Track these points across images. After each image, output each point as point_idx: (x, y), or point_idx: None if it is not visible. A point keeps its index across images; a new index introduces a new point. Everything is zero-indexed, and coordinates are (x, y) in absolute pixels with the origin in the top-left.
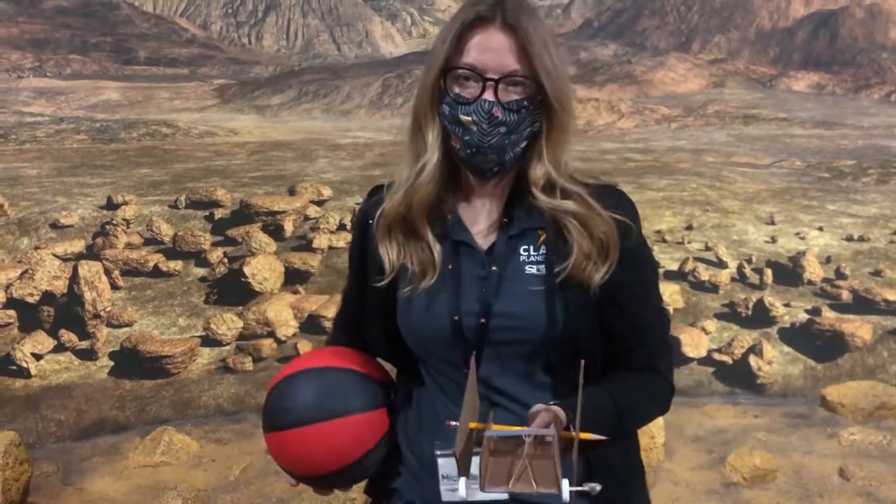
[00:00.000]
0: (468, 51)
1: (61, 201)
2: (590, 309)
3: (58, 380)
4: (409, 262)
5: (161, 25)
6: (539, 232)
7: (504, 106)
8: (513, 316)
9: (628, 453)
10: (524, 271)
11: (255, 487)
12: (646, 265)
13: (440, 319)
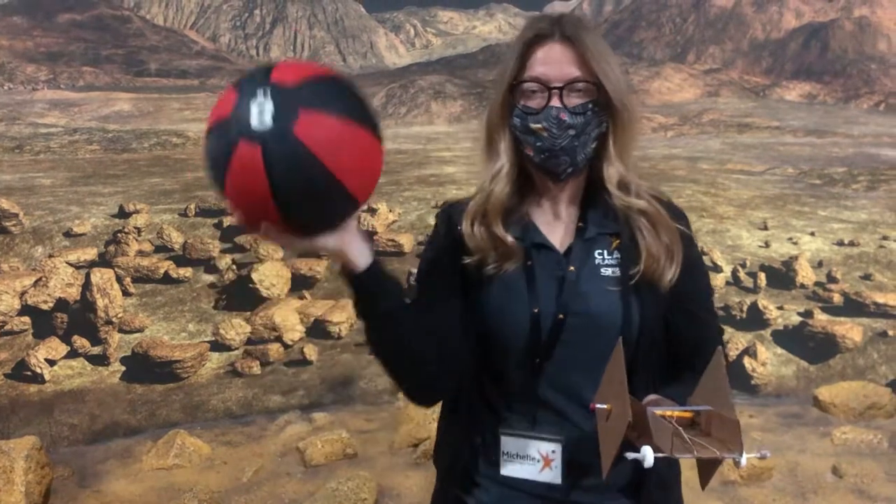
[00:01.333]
0: (532, 65)
1: (74, 210)
2: (660, 310)
3: (71, 385)
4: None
5: (171, 38)
6: (612, 238)
7: (570, 110)
8: (590, 314)
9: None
10: (600, 273)
11: (268, 489)
12: (705, 275)
13: (520, 313)
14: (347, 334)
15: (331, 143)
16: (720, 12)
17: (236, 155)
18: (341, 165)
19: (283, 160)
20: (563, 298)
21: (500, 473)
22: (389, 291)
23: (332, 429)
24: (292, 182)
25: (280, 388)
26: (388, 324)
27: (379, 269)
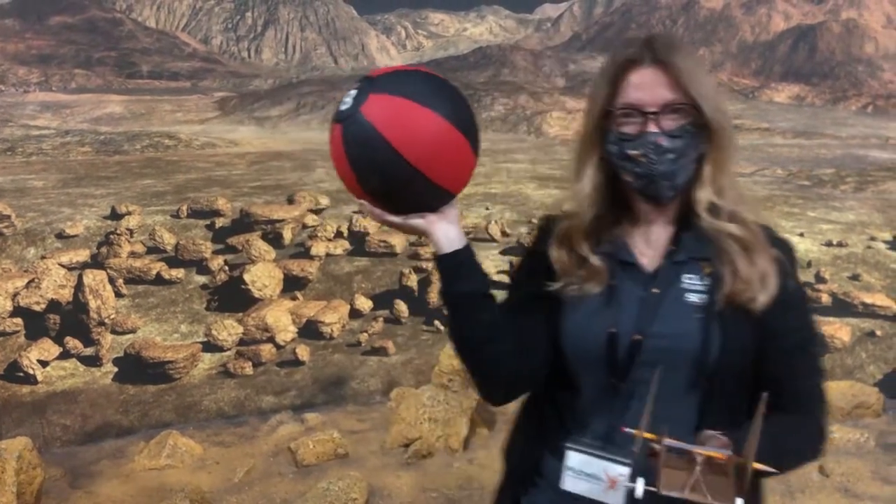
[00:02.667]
0: (625, 91)
1: (66, 212)
2: (746, 340)
3: (63, 386)
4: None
5: (163, 40)
6: (703, 264)
7: (668, 134)
8: (667, 337)
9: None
10: (685, 298)
11: (259, 489)
12: (806, 310)
13: (597, 331)
14: (339, 335)
15: (390, 119)
16: (709, 14)
17: (331, 135)
18: (401, 138)
19: (353, 135)
20: (641, 320)
21: (560, 487)
22: (471, 278)
23: (323, 429)
24: (360, 154)
25: (272, 388)
26: (465, 309)
27: (466, 255)
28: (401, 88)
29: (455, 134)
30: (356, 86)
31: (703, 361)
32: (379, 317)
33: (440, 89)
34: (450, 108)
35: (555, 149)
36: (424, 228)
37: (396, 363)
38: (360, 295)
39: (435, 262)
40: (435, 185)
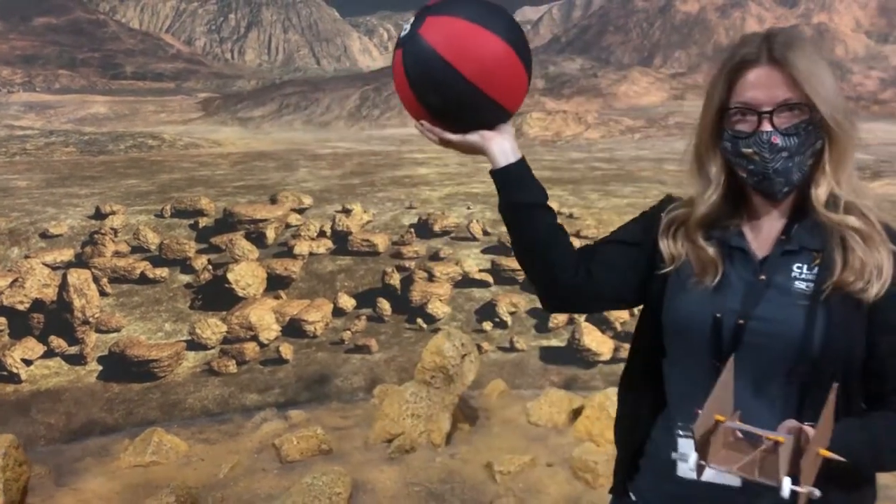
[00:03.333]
0: (741, 90)
1: (51, 212)
2: (854, 331)
3: (48, 384)
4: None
5: (147, 41)
6: (815, 254)
7: (782, 132)
8: (771, 321)
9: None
10: (793, 286)
11: (244, 484)
12: None
13: (704, 315)
14: (323, 333)
15: (447, 37)
16: (685, 18)
17: (393, 61)
18: (458, 55)
19: (412, 55)
20: (747, 304)
21: (676, 474)
22: (528, 189)
23: (307, 426)
24: (419, 73)
25: (256, 386)
26: (522, 218)
27: (522, 168)
28: (456, 10)
29: (509, 52)
30: (415, 13)
31: (804, 348)
32: (362, 315)
33: (494, 11)
34: (503, 28)
35: (535, 149)
36: (481, 144)
37: (379, 361)
38: (343, 293)
39: (492, 176)
40: (491, 100)
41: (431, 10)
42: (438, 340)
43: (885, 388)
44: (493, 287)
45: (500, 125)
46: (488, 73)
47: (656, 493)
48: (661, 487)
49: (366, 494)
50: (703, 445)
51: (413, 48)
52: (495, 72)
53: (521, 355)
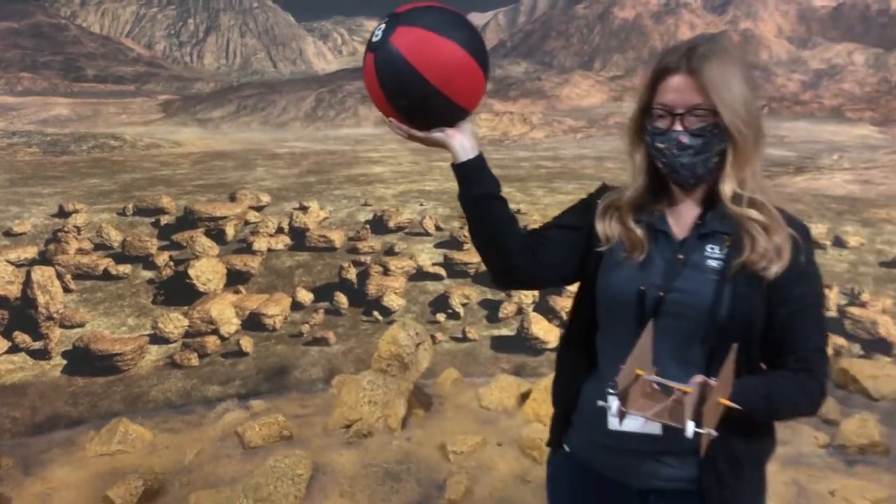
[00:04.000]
0: (661, 93)
1: (14, 210)
2: (756, 302)
3: (12, 379)
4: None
5: (108, 45)
6: (725, 237)
7: (690, 133)
8: (686, 293)
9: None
10: (706, 263)
11: (209, 469)
12: (813, 284)
13: (630, 289)
14: (282, 326)
15: (415, 46)
16: (623, 24)
17: (364, 62)
18: (423, 62)
19: (383, 60)
20: (666, 279)
21: (606, 427)
22: (484, 182)
23: (268, 414)
24: (389, 77)
25: (218, 378)
26: (479, 208)
27: (479, 164)
28: (423, 20)
29: (468, 59)
30: (384, 20)
31: (713, 316)
32: (320, 308)
33: (457, 22)
34: (464, 38)
35: (484, 148)
36: (444, 140)
37: (337, 352)
38: (301, 288)
39: (453, 169)
40: (452, 102)
41: (401, 20)
42: (394, 330)
43: (782, 351)
44: (446, 280)
45: (461, 123)
46: (450, 78)
47: (587, 444)
48: (592, 439)
49: (326, 476)
50: (625, 395)
51: (384, 54)
52: (456, 77)
53: (473, 345)
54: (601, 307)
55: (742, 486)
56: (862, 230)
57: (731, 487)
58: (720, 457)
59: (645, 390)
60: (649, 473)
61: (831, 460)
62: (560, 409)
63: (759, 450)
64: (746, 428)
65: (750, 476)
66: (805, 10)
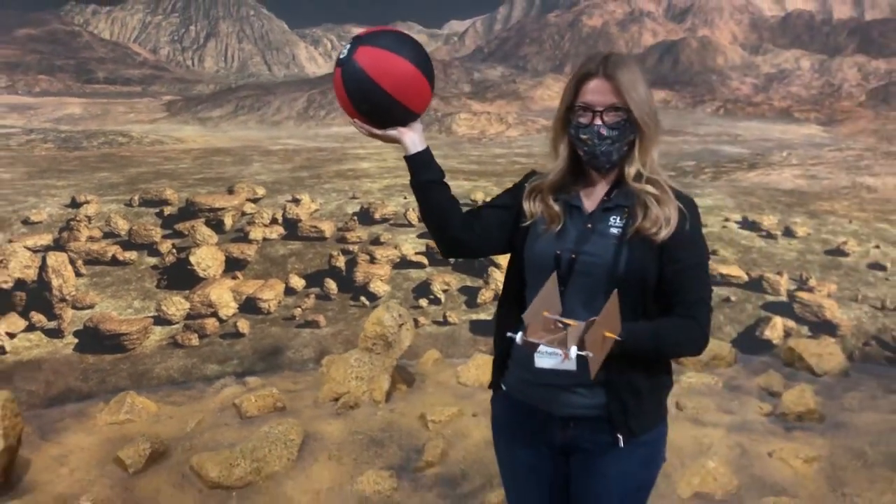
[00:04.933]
0: (583, 94)
1: (31, 201)
2: (648, 262)
3: (29, 355)
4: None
5: (117, 50)
6: (625, 210)
7: (608, 126)
8: (592, 255)
9: (656, 384)
10: (608, 230)
11: (209, 435)
12: (698, 247)
13: (549, 253)
14: (276, 310)
15: (373, 62)
16: (591, 31)
17: (334, 76)
18: (380, 75)
19: (348, 74)
20: (578, 244)
21: (535, 366)
22: (430, 170)
23: (264, 388)
24: (353, 87)
25: (216, 357)
26: (426, 192)
27: (427, 156)
28: (379, 42)
29: (416, 72)
30: (350, 42)
31: (613, 273)
32: (311, 294)
33: (406, 42)
34: (413, 55)
35: (463, 145)
36: (397, 137)
37: (327, 334)
38: (293, 274)
39: (405, 160)
40: (404, 106)
41: (362, 41)
42: (379, 312)
43: (671, 302)
44: (428, 268)
45: (412, 123)
46: (401, 87)
47: (518, 381)
48: (522, 377)
49: (316, 441)
50: (528, 328)
51: (349, 69)
52: (406, 86)
53: (453, 328)
54: (527, 269)
55: (642, 412)
56: (809, 221)
57: (633, 413)
58: (623, 388)
59: (547, 325)
60: (567, 403)
61: (772, 426)
62: (498, 355)
63: (656, 384)
64: (645, 365)
65: (649, 404)
66: (757, 19)
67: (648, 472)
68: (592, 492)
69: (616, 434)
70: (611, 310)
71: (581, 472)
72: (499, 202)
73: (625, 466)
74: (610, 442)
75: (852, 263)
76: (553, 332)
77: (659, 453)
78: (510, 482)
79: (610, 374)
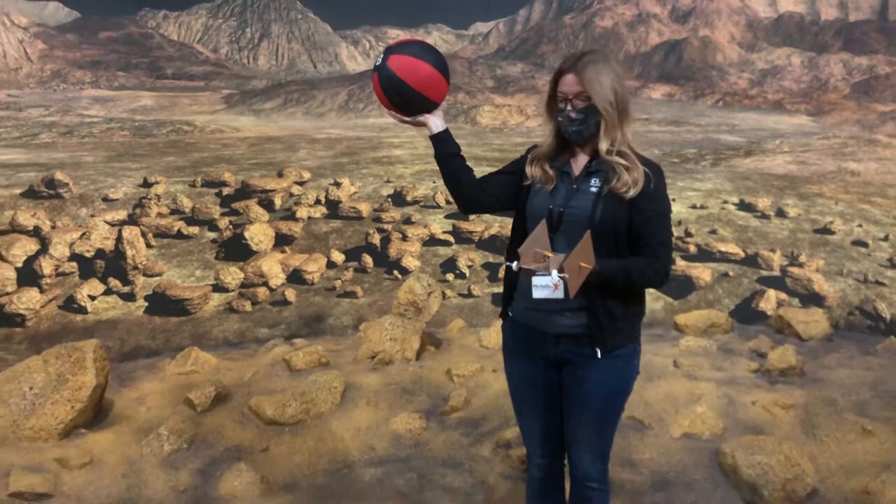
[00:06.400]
0: (560, 85)
1: (110, 181)
2: (619, 214)
3: (107, 316)
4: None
5: (183, 50)
6: (604, 174)
7: (576, 111)
8: (576, 209)
9: (629, 311)
10: (589, 189)
11: (263, 384)
12: (659, 202)
13: (543, 206)
14: (319, 281)
15: (402, 66)
16: (603, 31)
17: (372, 77)
18: (408, 76)
19: (383, 77)
20: (566, 201)
21: (533, 297)
22: (450, 146)
23: (309, 347)
24: (388, 86)
25: (266, 322)
26: (447, 162)
27: (446, 134)
28: (407, 50)
29: (435, 72)
30: (383, 52)
31: (591, 222)
32: (350, 267)
33: (429, 50)
34: (433, 60)
35: (486, 135)
36: (423, 121)
37: (364, 304)
38: (334, 250)
39: (430, 139)
40: (427, 99)
41: (392, 51)
42: (411, 282)
43: (638, 244)
44: (454, 245)
45: (434, 111)
46: (424, 83)
47: (520, 308)
48: (523, 305)
49: (356, 390)
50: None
51: (384, 72)
52: (429, 84)
53: (476, 300)
54: (528, 220)
55: (617, 331)
56: (799, 203)
57: (609, 331)
58: (601, 312)
59: (536, 258)
60: (557, 323)
61: (758, 381)
62: (506, 290)
63: (629, 311)
64: (620, 295)
65: (623, 325)
66: (752, 20)
67: (623, 379)
68: (578, 395)
69: (595, 348)
70: (583, 246)
71: (570, 380)
72: (505, 169)
73: (603, 374)
74: (591, 354)
75: (838, 241)
76: (539, 261)
77: (632, 366)
78: (515, 392)
79: (591, 300)
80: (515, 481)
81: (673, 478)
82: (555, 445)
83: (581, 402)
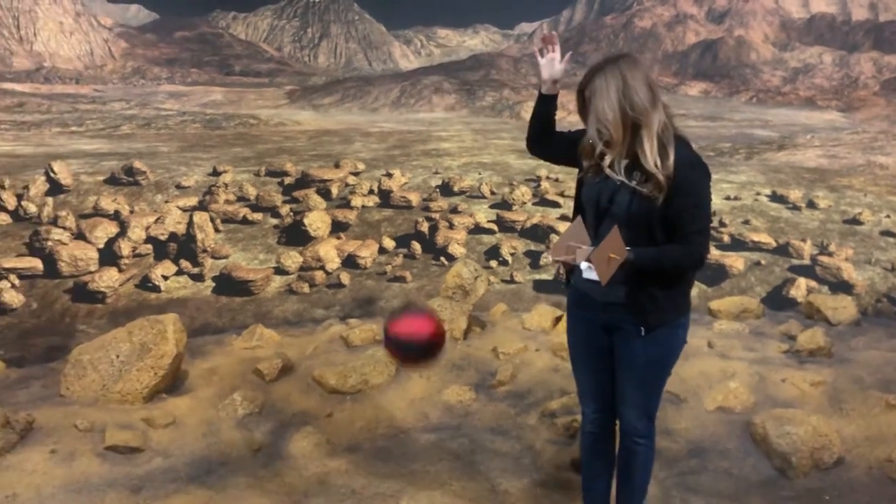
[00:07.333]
0: None
1: (183, 170)
2: (652, 208)
3: (178, 294)
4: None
5: (250, 48)
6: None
7: None
8: (617, 203)
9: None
10: (630, 184)
11: (324, 357)
12: (693, 195)
13: (592, 198)
14: (371, 266)
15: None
16: (642, 31)
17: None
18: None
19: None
20: (610, 195)
21: (583, 276)
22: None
23: (364, 325)
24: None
25: (323, 303)
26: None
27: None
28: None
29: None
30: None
31: (628, 214)
32: (400, 253)
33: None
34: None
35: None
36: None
37: (412, 288)
38: (386, 237)
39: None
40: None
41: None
42: (458, 267)
43: (674, 233)
44: (498, 234)
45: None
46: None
47: (578, 279)
48: (577, 280)
49: None
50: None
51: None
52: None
53: (518, 286)
54: (581, 208)
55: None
56: (829, 195)
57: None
58: (642, 295)
59: (568, 250)
60: (603, 293)
61: (788, 361)
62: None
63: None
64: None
65: (665, 305)
66: (786, 20)
67: (667, 348)
68: (625, 360)
69: (639, 326)
70: (612, 238)
71: (618, 345)
72: (572, 134)
73: (648, 345)
74: (636, 329)
75: (867, 231)
76: (570, 253)
77: (676, 336)
78: (572, 348)
79: (630, 286)
80: (561, 446)
81: (707, 446)
82: (606, 402)
83: (628, 367)
